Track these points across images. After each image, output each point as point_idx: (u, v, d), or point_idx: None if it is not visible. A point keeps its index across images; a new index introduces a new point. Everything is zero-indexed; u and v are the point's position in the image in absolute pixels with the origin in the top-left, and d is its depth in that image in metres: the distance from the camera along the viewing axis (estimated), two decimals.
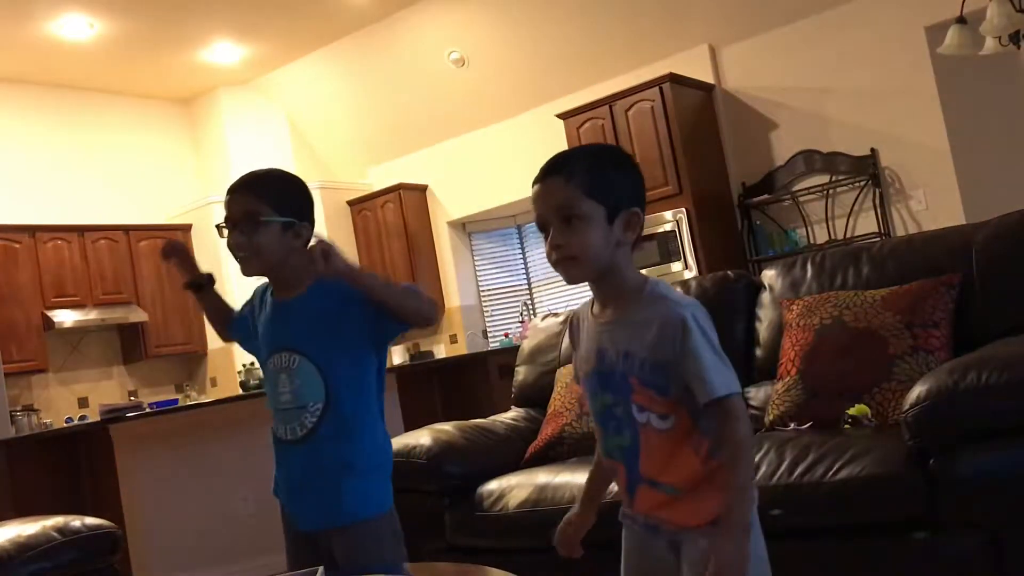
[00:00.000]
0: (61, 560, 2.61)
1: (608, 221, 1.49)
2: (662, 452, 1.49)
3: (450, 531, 2.87)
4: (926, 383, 2.06)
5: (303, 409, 1.93)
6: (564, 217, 1.48)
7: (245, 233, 1.95)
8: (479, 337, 8.11)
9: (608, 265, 1.51)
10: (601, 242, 1.48)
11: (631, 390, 1.49)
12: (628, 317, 1.51)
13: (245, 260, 1.97)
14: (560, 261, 1.50)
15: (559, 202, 1.49)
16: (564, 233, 1.48)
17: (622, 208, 1.50)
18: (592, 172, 1.51)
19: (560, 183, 1.50)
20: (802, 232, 6.32)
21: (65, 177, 7.87)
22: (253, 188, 2.01)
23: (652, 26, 6.68)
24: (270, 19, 7.29)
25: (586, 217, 1.48)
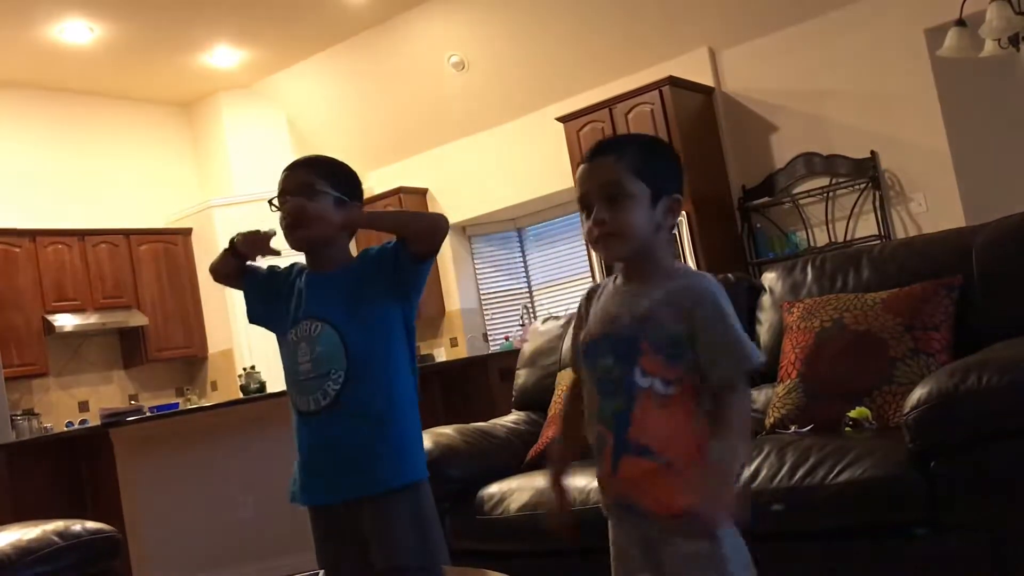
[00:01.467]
0: (62, 564, 2.62)
1: (652, 204, 1.53)
2: (657, 419, 1.51)
3: (451, 535, 2.86)
4: (927, 386, 2.06)
5: (325, 377, 1.92)
6: (610, 195, 1.52)
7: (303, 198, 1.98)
8: (479, 340, 8.11)
9: (647, 247, 1.55)
10: (644, 222, 1.52)
11: (640, 354, 1.51)
12: (654, 287, 1.54)
13: (298, 224, 1.97)
14: (602, 237, 1.53)
15: (607, 179, 1.53)
16: (609, 210, 1.52)
17: (665, 193, 1.55)
18: (641, 155, 1.55)
19: (610, 162, 1.54)
20: (802, 235, 6.32)
21: (65, 181, 7.87)
22: (310, 164, 2.08)
23: (652, 29, 6.69)
24: (270, 23, 7.30)
25: (632, 196, 1.52)
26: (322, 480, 1.94)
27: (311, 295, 2.00)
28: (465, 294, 8.22)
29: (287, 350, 2.00)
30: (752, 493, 2.24)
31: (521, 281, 8.38)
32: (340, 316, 1.94)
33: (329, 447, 1.92)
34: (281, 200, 2.01)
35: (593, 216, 1.53)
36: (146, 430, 4.70)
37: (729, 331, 1.49)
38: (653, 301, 1.52)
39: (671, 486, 1.49)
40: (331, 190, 1.99)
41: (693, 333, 1.49)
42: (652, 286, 1.55)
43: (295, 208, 1.96)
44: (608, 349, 1.55)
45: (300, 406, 1.96)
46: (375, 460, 1.90)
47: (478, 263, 8.39)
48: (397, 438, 1.93)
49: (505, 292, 8.35)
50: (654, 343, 1.51)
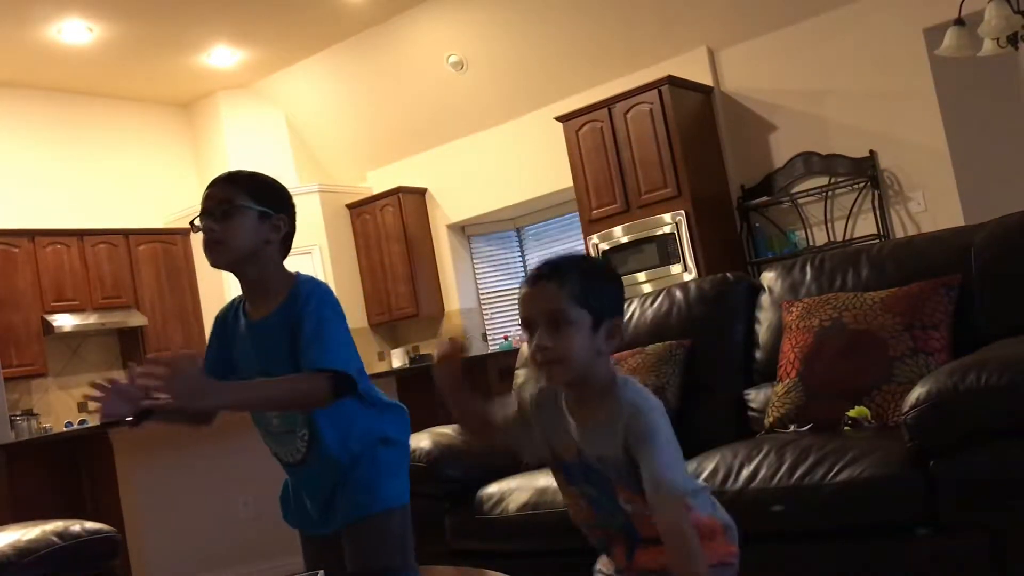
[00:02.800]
0: (61, 564, 2.61)
1: (593, 329, 1.56)
2: None
3: (450, 535, 2.87)
4: (926, 385, 2.06)
5: (293, 434, 1.95)
6: (553, 321, 1.55)
7: (219, 220, 1.89)
8: (479, 340, 8.12)
9: (587, 370, 1.57)
10: (585, 348, 1.55)
11: (615, 489, 1.58)
12: (599, 421, 1.58)
13: (215, 246, 1.90)
14: (545, 362, 1.56)
15: (551, 307, 1.55)
16: (552, 336, 1.55)
17: (606, 317, 1.58)
18: (583, 282, 1.57)
19: (553, 288, 1.56)
20: (801, 234, 6.33)
21: (64, 181, 7.87)
22: (230, 180, 1.96)
23: (650, 29, 6.69)
24: (269, 23, 7.29)
25: (574, 323, 1.55)
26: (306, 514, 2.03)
27: (258, 350, 1.93)
28: (464, 294, 8.22)
29: None
30: (752, 493, 2.24)
31: (520, 280, 8.36)
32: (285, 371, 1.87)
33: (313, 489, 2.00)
34: (202, 220, 1.91)
35: (536, 342, 1.56)
36: (146, 430, 4.68)
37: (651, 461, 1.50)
38: (606, 434, 1.56)
39: None
40: (252, 204, 1.90)
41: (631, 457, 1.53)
42: (597, 413, 1.58)
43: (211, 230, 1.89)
44: (587, 480, 1.61)
45: (282, 456, 2.00)
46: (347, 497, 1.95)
47: (477, 263, 8.39)
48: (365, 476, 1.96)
49: (504, 292, 8.35)
50: (620, 479, 1.56)
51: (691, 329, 3.00)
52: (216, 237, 1.89)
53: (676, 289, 3.16)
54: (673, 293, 3.14)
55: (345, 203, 8.43)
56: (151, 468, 4.63)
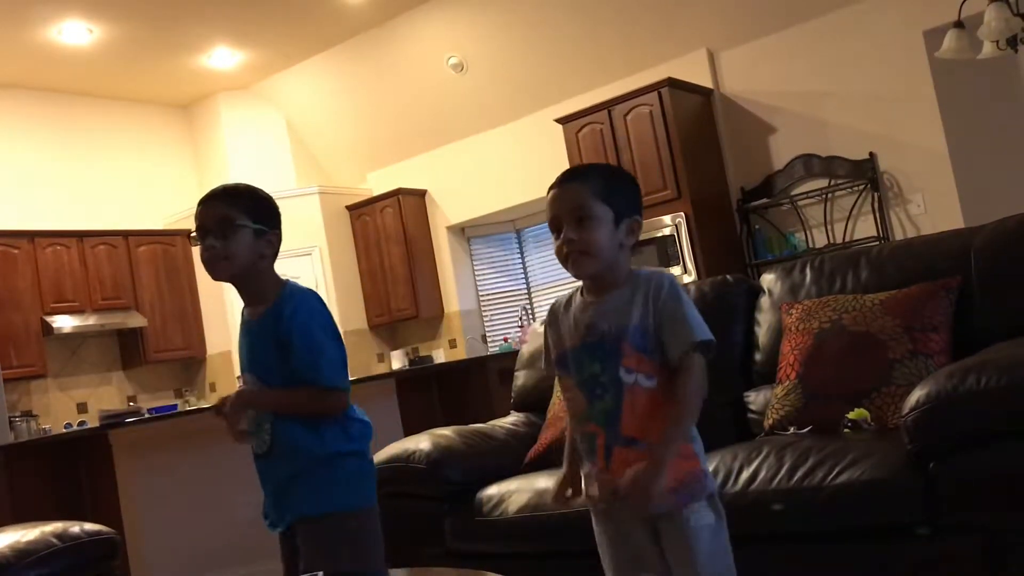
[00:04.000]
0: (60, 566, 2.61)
1: (615, 224, 1.72)
2: (645, 410, 1.68)
3: (450, 536, 2.87)
4: (925, 387, 2.06)
5: (261, 428, 2.05)
6: (578, 217, 1.70)
7: (219, 238, 2.01)
8: (478, 342, 8.11)
9: (612, 262, 1.72)
10: (608, 240, 1.71)
11: (622, 355, 1.69)
12: (616, 294, 1.73)
13: (216, 263, 2.02)
14: (571, 254, 1.71)
15: (575, 203, 1.71)
16: (577, 230, 1.70)
17: (626, 215, 1.73)
18: (605, 181, 1.75)
19: (578, 187, 1.74)
20: (801, 236, 6.33)
21: (64, 182, 7.87)
22: (226, 197, 2.07)
23: (650, 31, 6.69)
24: (269, 24, 7.30)
25: (598, 218, 1.70)
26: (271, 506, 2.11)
27: (247, 347, 2.11)
28: (464, 295, 8.22)
29: None
30: (752, 495, 2.24)
31: (520, 282, 8.38)
32: (263, 372, 2.04)
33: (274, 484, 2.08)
34: (200, 235, 2.03)
35: (563, 235, 1.71)
36: (145, 432, 4.69)
37: (679, 310, 1.68)
38: (623, 303, 1.71)
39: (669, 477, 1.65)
40: (250, 222, 2.03)
41: (659, 321, 1.68)
42: (617, 292, 1.73)
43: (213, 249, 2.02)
44: (591, 355, 1.73)
45: (255, 448, 2.09)
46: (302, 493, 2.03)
47: (477, 264, 8.39)
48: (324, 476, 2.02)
49: (504, 293, 8.35)
50: (632, 342, 1.68)
51: None
52: (217, 254, 2.01)
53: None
54: None
55: (345, 204, 8.43)
56: (150, 469, 4.63)
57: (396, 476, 2.92)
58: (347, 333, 8.13)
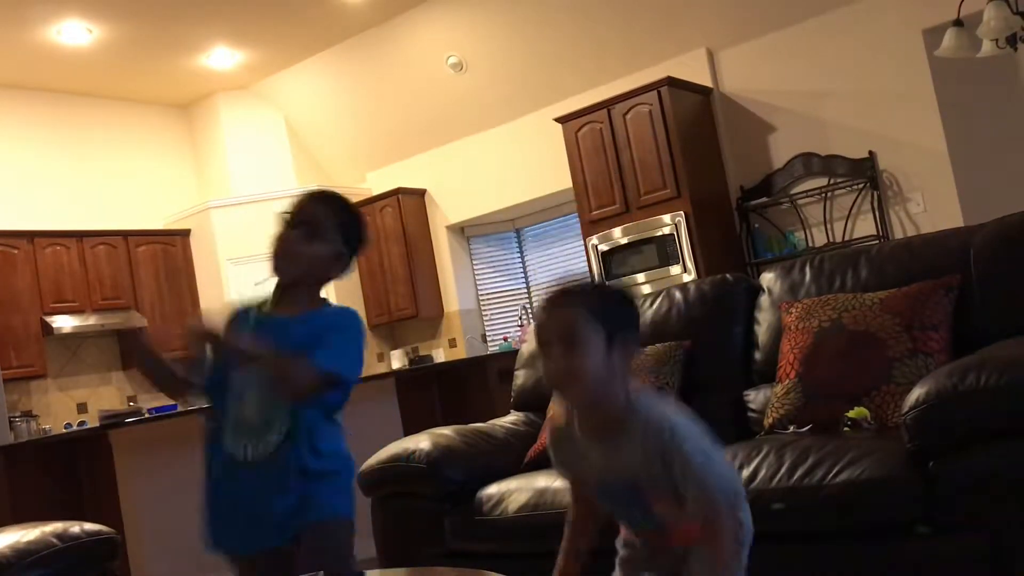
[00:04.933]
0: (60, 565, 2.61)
1: (607, 349, 1.58)
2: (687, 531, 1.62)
3: (449, 536, 2.87)
4: (925, 385, 2.06)
5: (267, 428, 1.90)
6: (568, 341, 1.58)
7: (305, 237, 1.97)
8: (478, 341, 8.11)
9: (603, 390, 1.60)
10: (600, 367, 1.58)
11: (649, 502, 1.62)
12: (621, 442, 1.61)
13: (286, 258, 1.97)
14: (560, 381, 1.60)
15: (565, 327, 1.59)
16: (566, 356, 1.58)
17: (620, 338, 1.61)
18: (597, 303, 1.62)
19: (567, 310, 1.61)
20: (801, 235, 6.33)
21: (64, 182, 7.87)
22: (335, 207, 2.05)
23: (650, 30, 6.69)
24: (268, 24, 7.30)
25: (588, 342, 1.57)
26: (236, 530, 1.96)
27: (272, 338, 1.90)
28: (464, 295, 8.22)
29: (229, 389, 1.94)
30: (752, 494, 2.24)
31: (520, 282, 8.38)
32: None
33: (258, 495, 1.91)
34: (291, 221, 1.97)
35: (552, 361, 1.59)
36: (145, 432, 4.69)
37: (689, 465, 1.55)
38: (632, 454, 1.59)
39: None
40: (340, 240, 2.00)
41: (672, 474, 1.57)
42: (618, 439, 1.61)
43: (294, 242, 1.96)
44: (618, 497, 1.65)
45: (231, 450, 1.92)
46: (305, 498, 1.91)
47: (476, 264, 8.39)
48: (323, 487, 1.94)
49: (504, 293, 8.35)
50: (656, 492, 1.60)
51: (690, 330, 3.00)
52: (285, 247, 1.96)
53: (675, 290, 3.17)
54: (672, 294, 3.14)
55: None
56: (150, 469, 4.63)
57: (396, 476, 2.93)
58: None
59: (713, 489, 1.55)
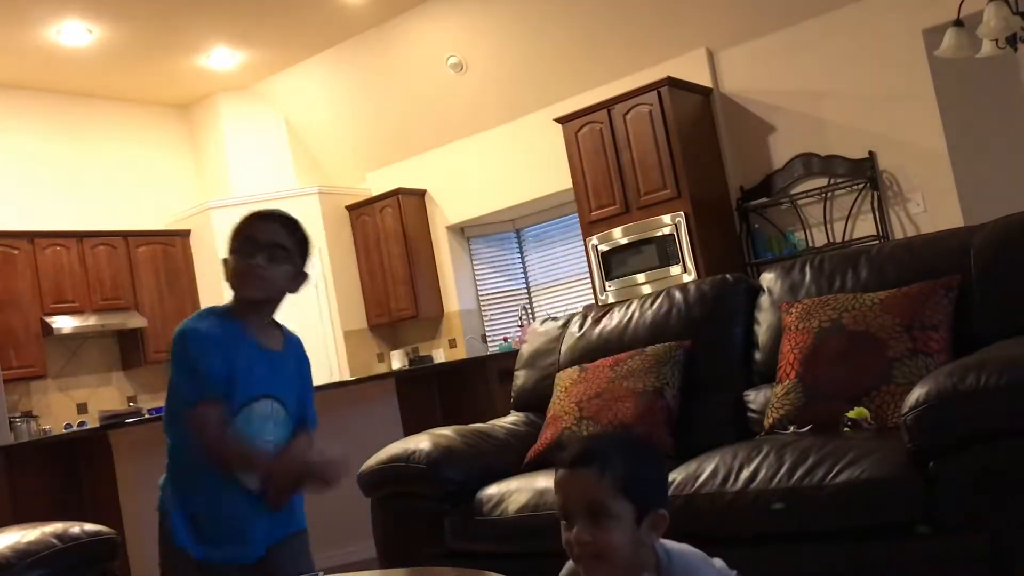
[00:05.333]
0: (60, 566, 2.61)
1: (636, 522, 1.47)
2: None
3: (449, 536, 2.86)
4: (925, 385, 2.06)
5: None
6: (593, 513, 1.46)
7: (267, 260, 2.05)
8: (478, 341, 8.11)
9: (632, 566, 1.48)
10: (628, 542, 1.46)
11: None
12: None
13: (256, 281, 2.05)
14: (584, 557, 1.48)
15: (591, 498, 1.46)
16: (591, 530, 1.46)
17: (651, 509, 1.48)
18: (626, 469, 1.48)
19: (593, 477, 1.47)
20: (800, 235, 6.33)
21: (64, 183, 7.87)
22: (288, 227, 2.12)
23: (650, 30, 6.69)
24: (268, 24, 7.30)
25: (616, 516, 1.45)
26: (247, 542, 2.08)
27: (272, 373, 2.10)
28: (464, 295, 8.22)
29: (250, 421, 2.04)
30: (752, 494, 2.24)
31: (520, 282, 8.38)
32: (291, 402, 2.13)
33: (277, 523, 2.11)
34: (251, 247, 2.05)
35: (575, 535, 1.47)
36: (145, 432, 4.69)
37: None
38: None
39: None
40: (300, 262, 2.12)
41: None
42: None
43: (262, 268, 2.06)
44: None
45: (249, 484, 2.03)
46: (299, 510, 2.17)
47: (477, 264, 8.39)
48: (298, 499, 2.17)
49: (504, 293, 8.35)
50: None
51: (691, 330, 3.00)
52: (259, 274, 2.05)
53: (676, 290, 3.17)
54: (673, 294, 3.14)
55: (344, 205, 8.43)
56: (150, 470, 4.61)
57: (396, 476, 2.92)
58: (347, 333, 8.13)
59: None
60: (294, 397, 2.12)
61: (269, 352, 2.10)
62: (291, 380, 2.13)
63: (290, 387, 2.12)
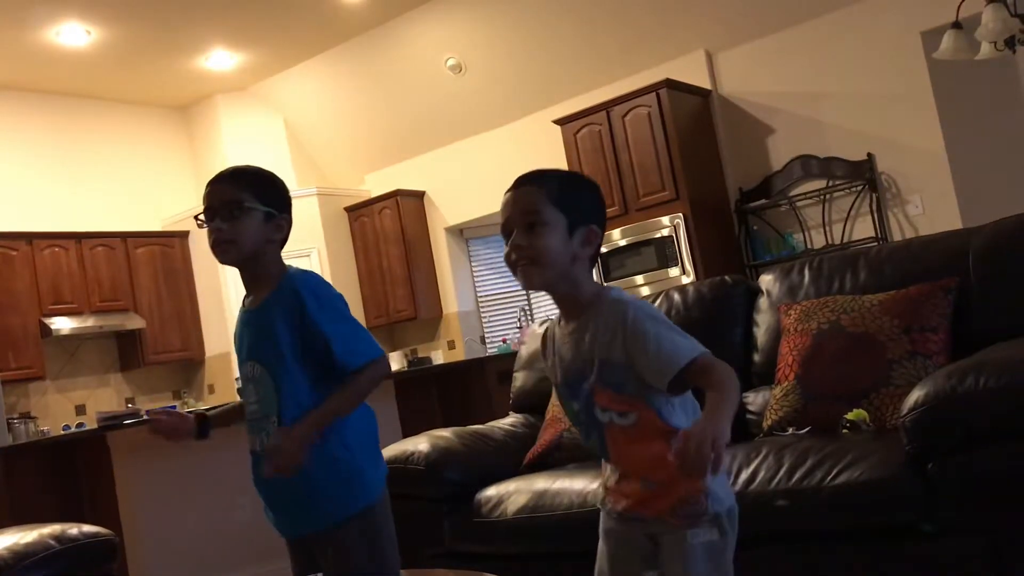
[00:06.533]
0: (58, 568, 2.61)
1: (568, 232, 1.59)
2: (629, 448, 1.59)
3: (448, 537, 2.86)
4: (924, 387, 2.06)
5: (266, 419, 1.96)
6: (529, 223, 1.58)
7: (227, 220, 1.95)
8: (477, 343, 8.11)
9: (564, 274, 1.60)
10: (560, 249, 1.58)
11: (592, 392, 1.59)
12: (585, 325, 1.61)
13: (224, 246, 1.95)
14: (519, 262, 1.60)
15: (526, 207, 1.59)
16: (527, 236, 1.58)
17: (582, 223, 1.60)
18: (560, 186, 1.62)
19: (531, 190, 1.61)
20: (799, 237, 6.33)
21: (62, 184, 7.87)
22: (235, 178, 2.02)
23: (648, 32, 6.69)
24: (266, 26, 7.30)
25: (549, 223, 1.58)
26: (278, 515, 2.02)
27: (250, 333, 2.00)
28: (462, 297, 8.22)
29: (242, 387, 2.04)
30: (751, 496, 2.24)
31: (518, 284, 8.36)
32: (270, 360, 1.94)
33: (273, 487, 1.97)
34: (208, 216, 1.97)
35: (512, 240, 1.59)
36: (143, 434, 4.68)
37: (649, 338, 1.52)
38: (590, 337, 1.59)
39: (663, 500, 1.56)
40: (259, 205, 1.97)
41: (630, 353, 1.54)
42: (585, 321, 1.61)
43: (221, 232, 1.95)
44: (571, 393, 1.64)
45: (251, 445, 2.00)
46: (317, 496, 1.94)
47: (475, 266, 8.39)
48: (335, 472, 1.94)
49: (502, 295, 8.35)
50: (601, 379, 1.58)
51: (689, 332, 2.97)
52: (225, 237, 1.95)
53: (674, 292, 3.16)
54: (671, 296, 3.14)
55: (343, 206, 8.43)
56: (149, 471, 4.62)
57: (395, 477, 2.89)
58: None
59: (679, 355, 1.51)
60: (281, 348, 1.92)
61: (249, 313, 2.01)
62: (269, 333, 1.93)
63: (268, 342, 1.93)
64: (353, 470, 1.96)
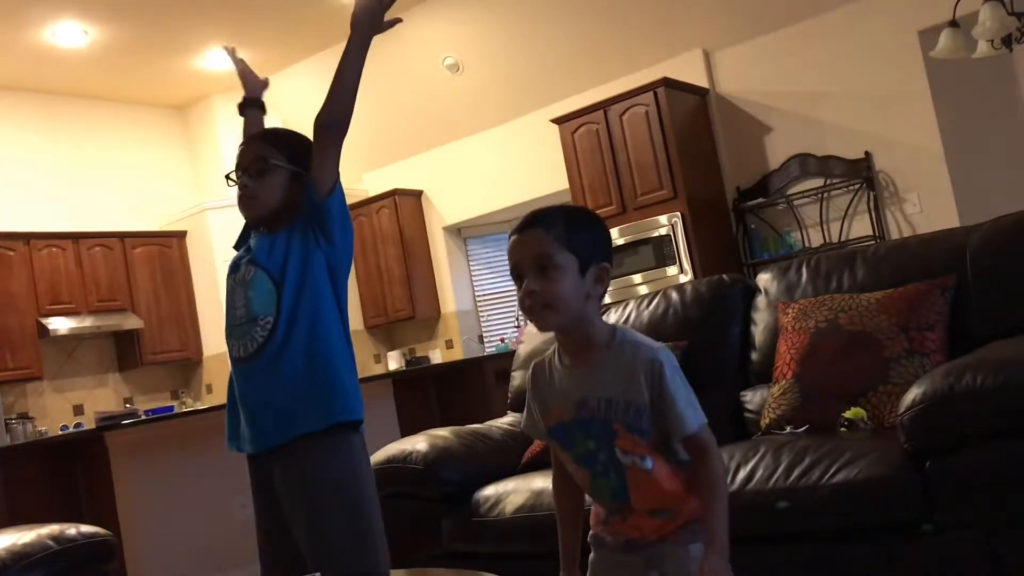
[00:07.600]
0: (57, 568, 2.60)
1: (580, 273, 1.58)
2: (652, 488, 1.59)
3: (446, 537, 2.87)
4: (922, 386, 2.07)
5: (254, 322, 1.95)
6: (540, 266, 1.57)
7: (253, 176, 2.00)
8: (475, 342, 8.11)
9: (578, 315, 1.59)
10: (573, 291, 1.57)
11: (615, 435, 1.58)
12: (603, 364, 1.60)
13: (248, 201, 1.99)
14: (534, 307, 1.58)
15: (537, 251, 1.58)
16: (539, 281, 1.57)
17: (593, 262, 1.60)
18: (569, 226, 1.60)
19: (539, 234, 1.59)
20: (797, 235, 6.33)
21: (60, 184, 7.86)
22: (266, 137, 2.10)
23: (646, 31, 6.69)
24: (264, 25, 7.29)
25: (561, 267, 1.57)
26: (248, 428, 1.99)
27: (255, 246, 2.04)
28: (460, 296, 8.22)
29: (227, 301, 2.07)
30: (749, 494, 2.24)
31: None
32: (272, 263, 1.97)
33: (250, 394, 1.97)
34: (237, 174, 2.03)
35: (525, 286, 1.58)
36: (141, 433, 4.69)
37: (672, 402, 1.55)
38: (608, 381, 1.59)
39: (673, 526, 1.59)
40: (286, 164, 2.02)
41: (649, 402, 1.56)
42: (601, 360, 1.61)
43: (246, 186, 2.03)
44: (585, 432, 1.62)
45: (233, 352, 2.01)
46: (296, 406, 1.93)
47: (473, 265, 8.39)
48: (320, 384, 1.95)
49: (500, 294, 8.35)
50: (625, 423, 1.57)
51: (687, 331, 3.00)
52: (249, 192, 1.99)
53: (672, 291, 3.17)
54: (669, 295, 3.14)
55: None
56: (147, 471, 4.62)
57: (393, 477, 2.92)
58: None
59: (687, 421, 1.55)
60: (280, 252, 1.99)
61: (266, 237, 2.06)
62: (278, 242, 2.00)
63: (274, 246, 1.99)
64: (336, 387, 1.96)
